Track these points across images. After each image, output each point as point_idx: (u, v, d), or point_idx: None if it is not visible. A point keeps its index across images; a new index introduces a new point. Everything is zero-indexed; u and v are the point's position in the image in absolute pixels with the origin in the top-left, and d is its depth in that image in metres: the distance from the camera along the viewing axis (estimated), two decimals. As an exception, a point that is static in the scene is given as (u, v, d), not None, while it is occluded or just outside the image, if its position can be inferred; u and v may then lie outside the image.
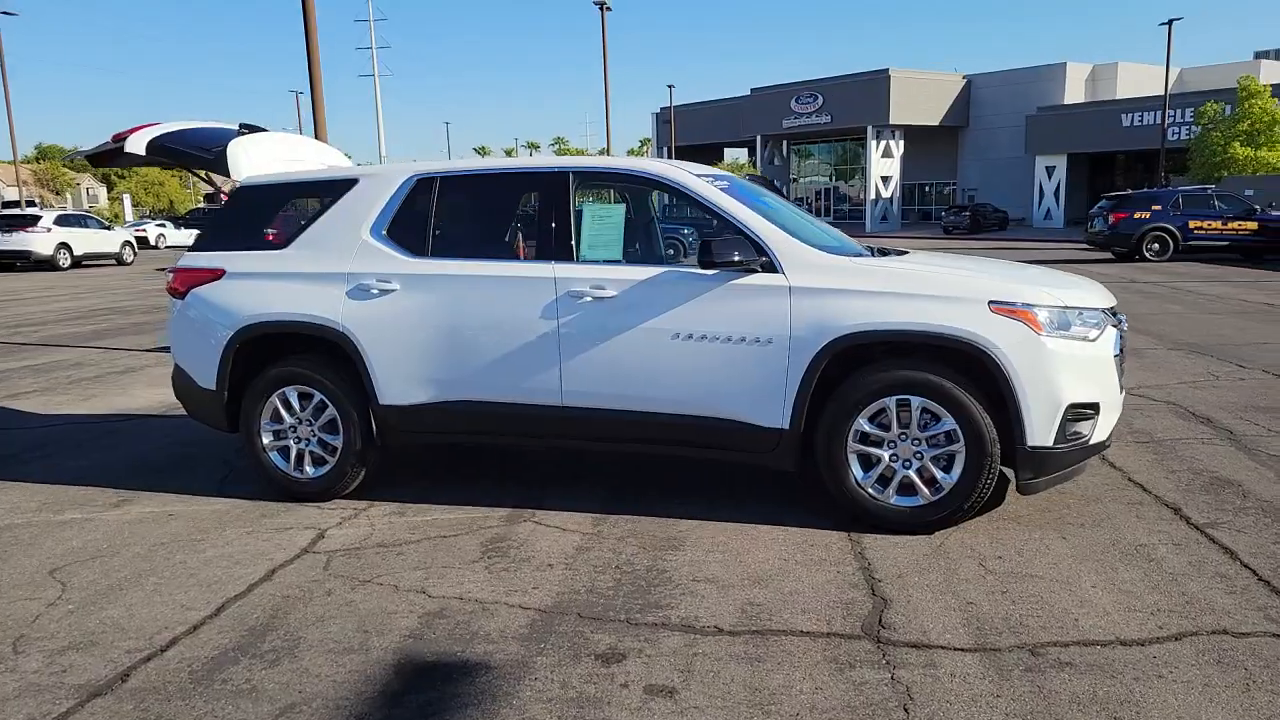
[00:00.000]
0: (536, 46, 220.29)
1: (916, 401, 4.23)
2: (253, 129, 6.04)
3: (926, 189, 55.35)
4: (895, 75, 48.04)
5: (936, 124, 50.84)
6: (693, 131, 56.78)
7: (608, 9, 29.83)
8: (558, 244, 4.71)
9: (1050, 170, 46.46)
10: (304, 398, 5.08)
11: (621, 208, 4.91)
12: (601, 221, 4.76)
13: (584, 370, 4.61)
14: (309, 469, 5.11)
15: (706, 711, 2.87)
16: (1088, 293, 4.46)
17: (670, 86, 48.23)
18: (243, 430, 5.19)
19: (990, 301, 4.16)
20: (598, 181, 4.98)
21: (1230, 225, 22.06)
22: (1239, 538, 4.18)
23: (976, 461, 4.17)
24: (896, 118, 48.08)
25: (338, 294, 4.94)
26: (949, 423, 4.20)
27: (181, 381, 5.45)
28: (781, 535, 4.36)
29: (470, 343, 4.77)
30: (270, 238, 5.39)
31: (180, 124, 5.74)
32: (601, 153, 75.50)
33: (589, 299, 4.57)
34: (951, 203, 50.46)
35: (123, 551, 4.43)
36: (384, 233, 5.00)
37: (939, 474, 4.26)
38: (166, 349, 12.01)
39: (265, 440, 5.15)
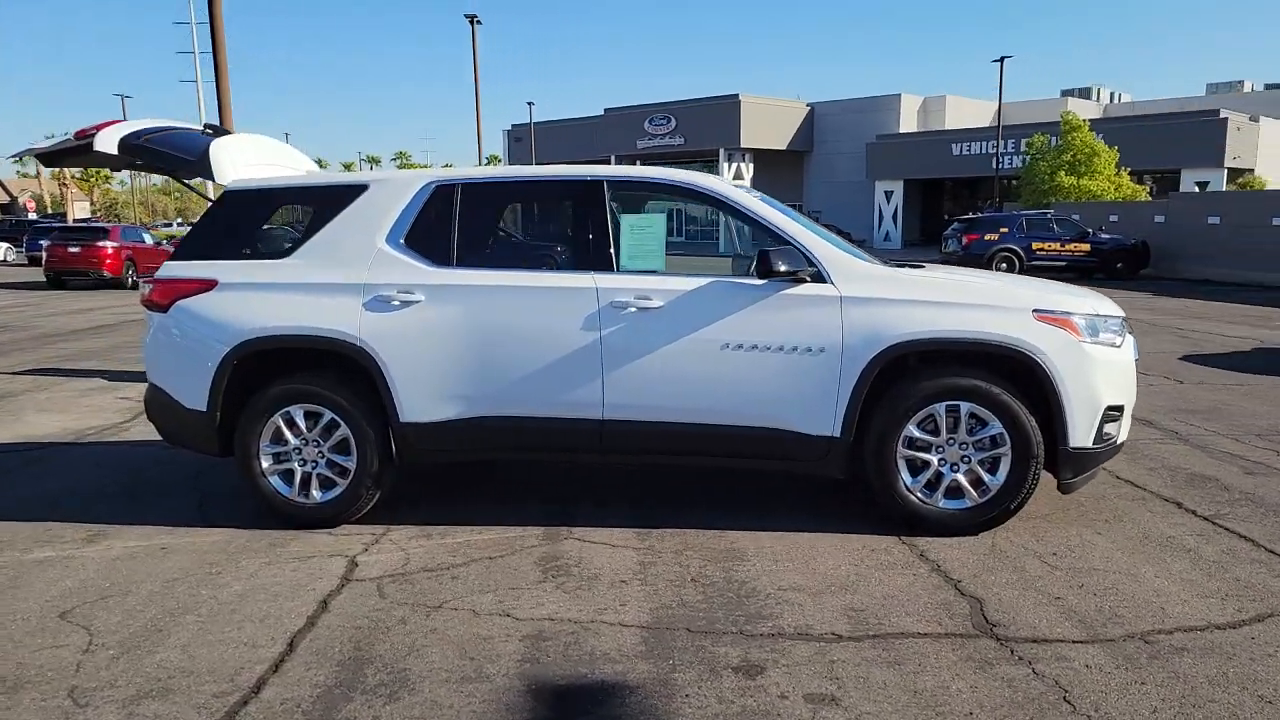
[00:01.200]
0: (379, 60, 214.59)
1: (965, 407, 4.37)
2: (219, 130, 5.63)
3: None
4: (745, 100, 49.58)
5: (784, 148, 52.82)
6: (546, 150, 56.64)
7: (478, 23, 29.45)
8: (596, 254, 4.62)
9: (889, 195, 49.05)
10: (310, 416, 4.75)
11: (662, 218, 4.84)
12: (641, 232, 4.70)
13: (628, 383, 4.52)
14: (316, 493, 4.78)
15: (880, 717, 2.86)
16: (1105, 303, 4.74)
17: (530, 104, 48.04)
18: (238, 454, 4.80)
19: (1034, 310, 4.37)
20: (635, 191, 4.91)
21: (1067, 247, 23.96)
22: (1250, 527, 4.53)
23: (1023, 464, 4.35)
24: (747, 141, 49.58)
25: (354, 306, 4.66)
26: (996, 427, 4.36)
27: (160, 402, 4.99)
28: (835, 542, 4.41)
29: (503, 355, 4.59)
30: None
31: (147, 122, 5.27)
32: (446, 166, 73.89)
33: (633, 309, 4.50)
34: (796, 224, 52.28)
35: (134, 590, 4.00)
36: (402, 242, 4.75)
37: (986, 476, 4.41)
38: (37, 372, 10.97)
39: (264, 464, 4.78)
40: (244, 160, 5.25)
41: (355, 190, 4.89)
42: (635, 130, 53.38)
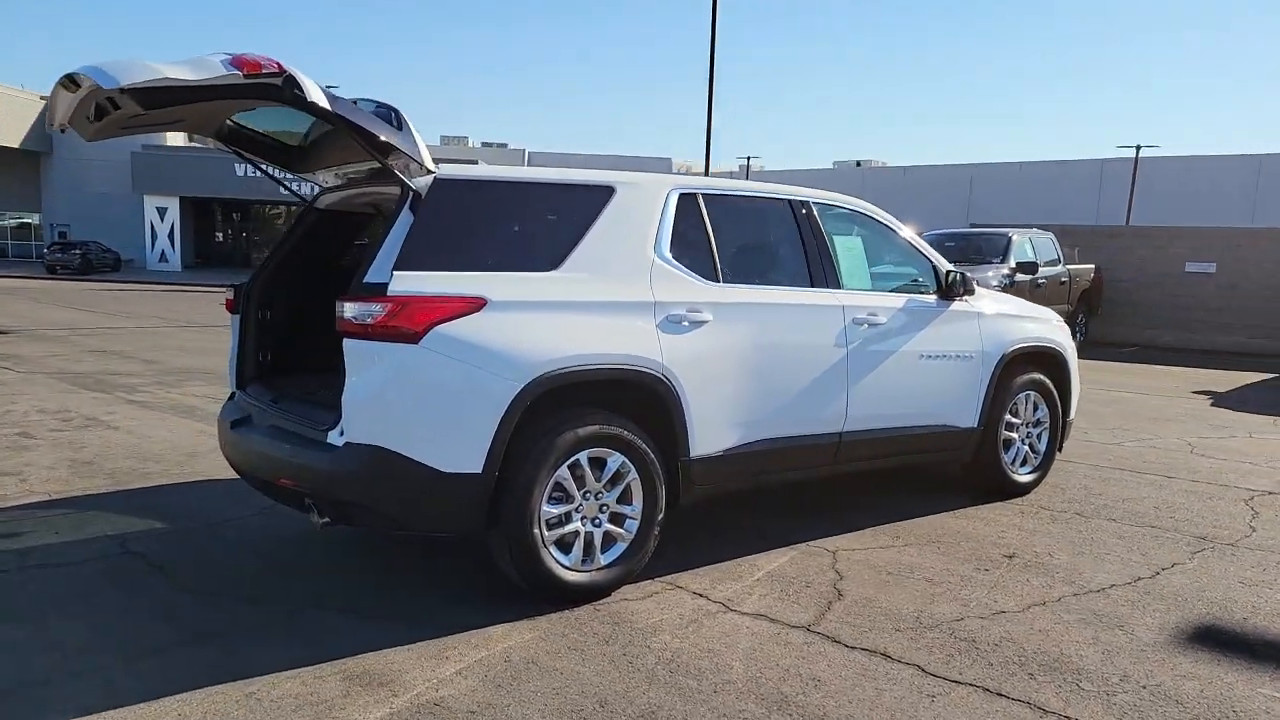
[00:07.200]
0: None
1: (1033, 396, 5.73)
2: None
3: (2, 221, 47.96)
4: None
5: (16, 146, 44.81)
6: None
7: None
8: (827, 272, 4.76)
9: (162, 211, 45.11)
10: (595, 463, 3.91)
11: (859, 241, 5.08)
12: (849, 252, 4.95)
13: (864, 395, 4.78)
14: (601, 555, 3.94)
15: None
16: None
17: None
18: (513, 524, 3.67)
19: (1057, 321, 5.96)
20: (826, 214, 4.95)
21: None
22: (1129, 475, 6.79)
23: (1054, 434, 5.88)
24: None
25: (648, 328, 4.01)
26: (1043, 408, 5.81)
27: (396, 474, 3.49)
28: (997, 515, 5.33)
29: (775, 377, 4.45)
30: None
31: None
32: None
33: (866, 325, 4.80)
34: (39, 237, 45.08)
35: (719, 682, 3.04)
36: (668, 254, 4.21)
37: (1039, 446, 5.83)
38: None
39: (544, 532, 3.76)
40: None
41: (603, 192, 4.14)
42: None
